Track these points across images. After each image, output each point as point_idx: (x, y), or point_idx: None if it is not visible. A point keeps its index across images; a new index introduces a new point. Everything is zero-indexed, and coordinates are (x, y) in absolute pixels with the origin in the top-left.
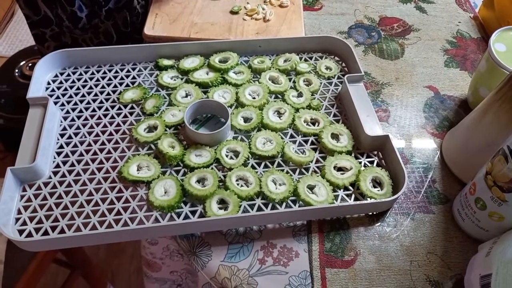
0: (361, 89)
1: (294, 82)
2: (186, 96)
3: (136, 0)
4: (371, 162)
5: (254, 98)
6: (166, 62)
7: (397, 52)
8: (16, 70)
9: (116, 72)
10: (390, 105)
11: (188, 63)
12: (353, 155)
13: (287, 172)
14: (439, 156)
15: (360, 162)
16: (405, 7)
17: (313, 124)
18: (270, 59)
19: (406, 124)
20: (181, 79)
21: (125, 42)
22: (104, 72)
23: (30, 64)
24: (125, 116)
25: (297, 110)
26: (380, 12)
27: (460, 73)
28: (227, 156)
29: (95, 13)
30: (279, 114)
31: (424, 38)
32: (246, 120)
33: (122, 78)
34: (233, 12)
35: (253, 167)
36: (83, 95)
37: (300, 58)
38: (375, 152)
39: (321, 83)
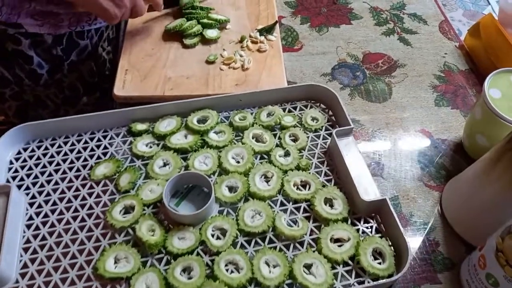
0: (351, 143)
1: (279, 138)
2: (164, 165)
3: (101, 47)
4: (370, 228)
5: (238, 162)
6: (139, 126)
7: (385, 92)
8: None
9: (86, 142)
10: (383, 156)
11: (163, 126)
12: (349, 222)
13: (280, 250)
14: (439, 211)
15: (358, 230)
16: (388, 39)
17: (304, 186)
18: (252, 113)
19: (402, 177)
20: (158, 145)
21: (93, 93)
22: (72, 144)
23: None
24: (98, 195)
25: (285, 172)
26: (363, 47)
27: (452, 112)
28: (213, 235)
29: (57, 68)
30: (266, 178)
31: (411, 74)
32: (231, 189)
33: (92, 149)
34: (209, 62)
35: (242, 245)
36: (50, 174)
37: (284, 109)
38: (373, 214)
39: (308, 137)
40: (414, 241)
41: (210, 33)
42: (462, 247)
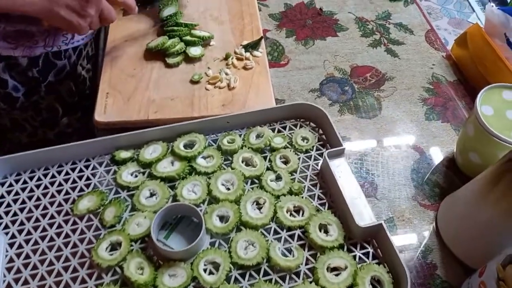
0: (344, 164)
1: (270, 161)
2: (151, 195)
3: (80, 66)
4: (366, 254)
5: (228, 189)
6: (123, 154)
7: (374, 107)
8: None
9: (67, 173)
10: (376, 175)
11: (149, 153)
12: (345, 248)
13: (276, 282)
14: (435, 230)
15: (355, 257)
16: (375, 51)
17: (297, 212)
18: (240, 135)
19: (396, 197)
20: (143, 173)
21: (73, 113)
22: (53, 176)
23: None
24: (82, 232)
25: (277, 197)
26: (350, 60)
27: (443, 126)
28: (205, 270)
29: (33, 90)
30: (258, 204)
31: (400, 88)
32: (222, 218)
33: (74, 181)
34: (193, 82)
35: (236, 279)
36: (30, 211)
37: (273, 129)
38: (369, 239)
39: (299, 158)
40: (411, 266)
41: (194, 51)
42: (461, 269)
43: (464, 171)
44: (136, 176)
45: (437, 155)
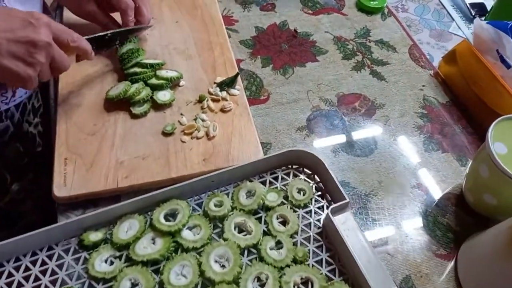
0: (350, 219)
1: (266, 222)
2: (133, 286)
3: (26, 123)
4: None
5: (223, 266)
6: (93, 236)
7: (370, 143)
8: None
9: (27, 269)
10: (384, 225)
11: (124, 231)
12: None
13: None
14: (456, 285)
15: None
16: (360, 75)
17: (305, 284)
18: (228, 194)
19: (410, 250)
20: (120, 258)
21: (24, 176)
22: (10, 275)
23: None
24: None
25: (281, 269)
26: (335, 88)
27: (444, 157)
28: None
29: None
30: (260, 280)
31: (393, 116)
32: None
33: (37, 278)
34: (166, 134)
35: None
36: None
37: (264, 182)
38: None
39: (298, 216)
40: None
41: (162, 96)
42: None
43: (476, 210)
44: (112, 262)
45: (443, 193)
